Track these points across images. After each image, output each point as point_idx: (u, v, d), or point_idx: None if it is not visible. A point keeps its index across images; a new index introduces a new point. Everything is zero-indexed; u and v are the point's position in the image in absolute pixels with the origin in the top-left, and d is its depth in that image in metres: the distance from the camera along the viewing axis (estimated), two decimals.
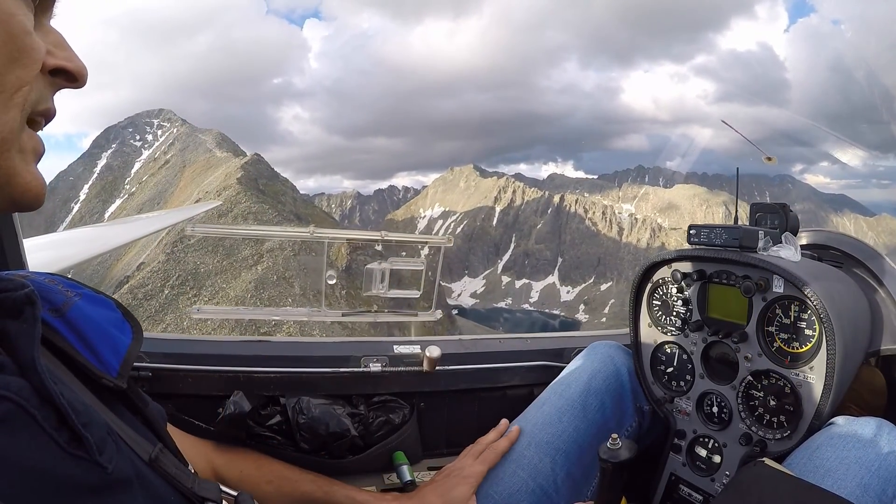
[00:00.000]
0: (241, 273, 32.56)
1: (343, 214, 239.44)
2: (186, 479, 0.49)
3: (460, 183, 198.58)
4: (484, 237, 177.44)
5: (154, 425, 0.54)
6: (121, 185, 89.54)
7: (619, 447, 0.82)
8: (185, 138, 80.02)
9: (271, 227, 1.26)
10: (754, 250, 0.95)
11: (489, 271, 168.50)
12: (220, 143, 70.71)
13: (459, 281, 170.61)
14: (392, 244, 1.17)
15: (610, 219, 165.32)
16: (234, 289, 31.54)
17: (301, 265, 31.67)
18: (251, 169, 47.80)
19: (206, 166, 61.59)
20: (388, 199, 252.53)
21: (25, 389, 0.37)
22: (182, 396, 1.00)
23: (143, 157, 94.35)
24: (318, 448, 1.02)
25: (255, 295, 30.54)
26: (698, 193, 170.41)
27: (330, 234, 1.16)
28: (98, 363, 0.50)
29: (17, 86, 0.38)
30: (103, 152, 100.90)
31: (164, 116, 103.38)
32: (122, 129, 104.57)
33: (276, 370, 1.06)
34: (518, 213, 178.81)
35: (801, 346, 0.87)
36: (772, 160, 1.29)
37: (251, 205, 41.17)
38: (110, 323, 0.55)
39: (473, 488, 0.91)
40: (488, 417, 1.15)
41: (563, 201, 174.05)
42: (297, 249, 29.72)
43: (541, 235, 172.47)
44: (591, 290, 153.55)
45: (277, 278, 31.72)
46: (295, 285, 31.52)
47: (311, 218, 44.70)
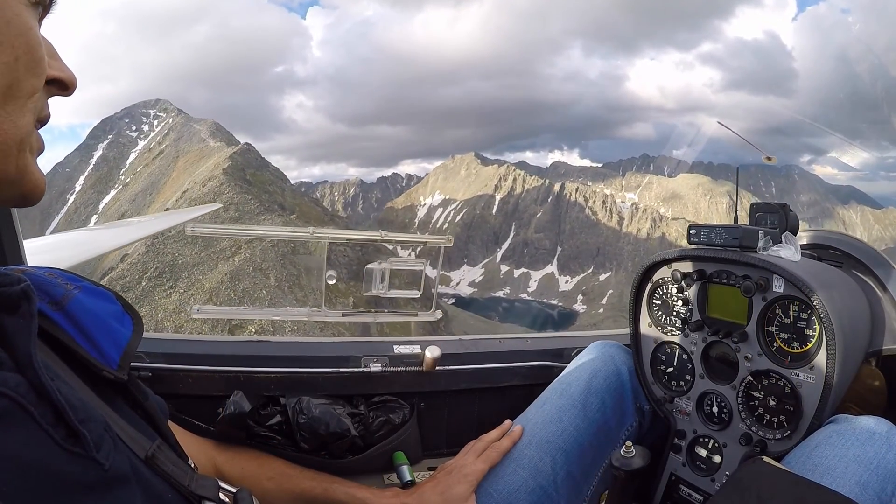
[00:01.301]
0: (217, 265, 32.23)
1: (346, 202, 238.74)
2: (184, 476, 0.49)
3: (461, 171, 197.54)
4: (483, 226, 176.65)
5: (154, 419, 0.54)
6: (116, 176, 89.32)
7: (633, 455, 0.82)
8: (180, 128, 79.85)
9: (271, 227, 1.26)
10: (754, 250, 0.95)
11: (488, 260, 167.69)
12: (213, 133, 70.40)
13: (458, 270, 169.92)
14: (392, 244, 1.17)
15: (610, 208, 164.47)
16: (210, 280, 31.09)
17: (280, 257, 31.40)
18: (239, 159, 47.42)
19: (199, 156, 61.36)
20: (391, 187, 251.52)
21: (22, 385, 0.37)
22: (182, 396, 1.00)
23: (138, 148, 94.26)
24: (318, 448, 1.02)
25: (230, 287, 30.17)
26: (702, 183, 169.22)
27: (330, 234, 1.16)
28: (98, 355, 0.50)
29: (31, 92, 0.42)
30: (99, 143, 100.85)
31: (160, 106, 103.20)
32: (119, 120, 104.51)
33: (276, 370, 1.06)
34: (518, 202, 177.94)
35: (802, 346, 0.87)
36: (771, 160, 1.29)
37: (234, 195, 40.79)
38: (110, 315, 0.55)
39: (473, 486, 0.91)
40: (488, 417, 1.14)
41: (563, 190, 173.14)
42: (276, 241, 29.51)
43: (540, 224, 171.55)
44: (589, 280, 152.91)
45: (254, 269, 31.42)
46: (271, 276, 31.21)
47: (296, 208, 44.37)
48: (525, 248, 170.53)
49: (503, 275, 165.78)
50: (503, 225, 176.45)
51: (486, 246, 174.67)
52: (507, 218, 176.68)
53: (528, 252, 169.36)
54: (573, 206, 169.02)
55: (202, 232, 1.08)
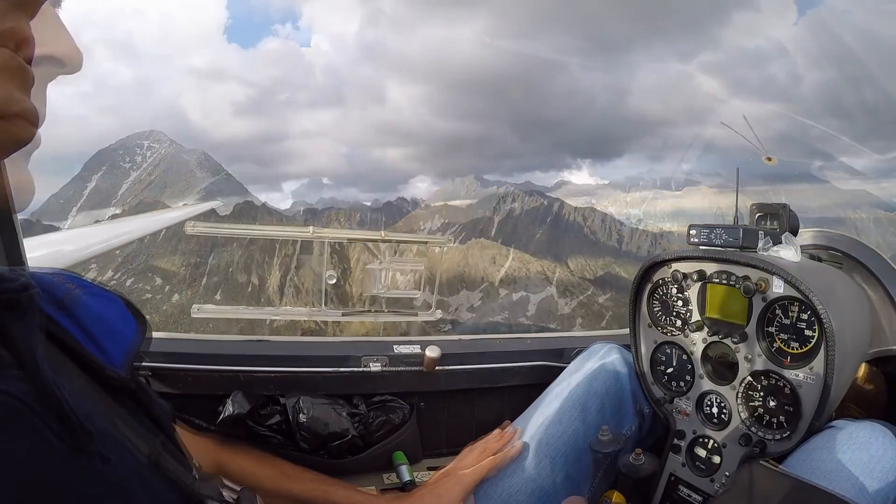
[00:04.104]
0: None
1: (351, 228, 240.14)
2: (187, 477, 0.49)
3: (461, 193, 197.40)
4: (482, 249, 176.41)
5: (159, 420, 0.53)
6: (107, 208, 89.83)
7: (643, 462, 0.83)
8: (171, 159, 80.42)
9: (271, 227, 1.26)
10: (754, 250, 0.95)
11: (486, 284, 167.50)
12: (201, 164, 70.85)
13: (457, 295, 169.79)
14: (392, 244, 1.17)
15: (610, 227, 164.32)
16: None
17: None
18: (215, 189, 47.51)
19: (185, 187, 61.81)
20: (396, 211, 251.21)
21: (25, 385, 0.36)
22: (182, 396, 1.00)
23: (130, 179, 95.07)
24: (317, 448, 1.02)
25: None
26: (709, 195, 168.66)
27: (330, 234, 1.16)
28: (103, 357, 0.50)
29: None
30: (94, 175, 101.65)
31: (153, 137, 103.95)
32: (114, 152, 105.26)
33: (276, 370, 1.06)
34: (517, 224, 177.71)
35: (801, 346, 0.87)
36: (772, 160, 1.29)
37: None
38: (115, 317, 0.55)
39: (467, 492, 0.91)
40: (488, 417, 1.14)
41: (562, 209, 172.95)
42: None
43: (539, 246, 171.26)
44: (589, 302, 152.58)
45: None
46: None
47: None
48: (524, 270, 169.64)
49: (502, 298, 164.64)
50: (502, 247, 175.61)
51: (484, 269, 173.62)
52: (507, 240, 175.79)
53: (527, 275, 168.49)
54: (572, 226, 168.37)
55: (202, 230, 1.08)
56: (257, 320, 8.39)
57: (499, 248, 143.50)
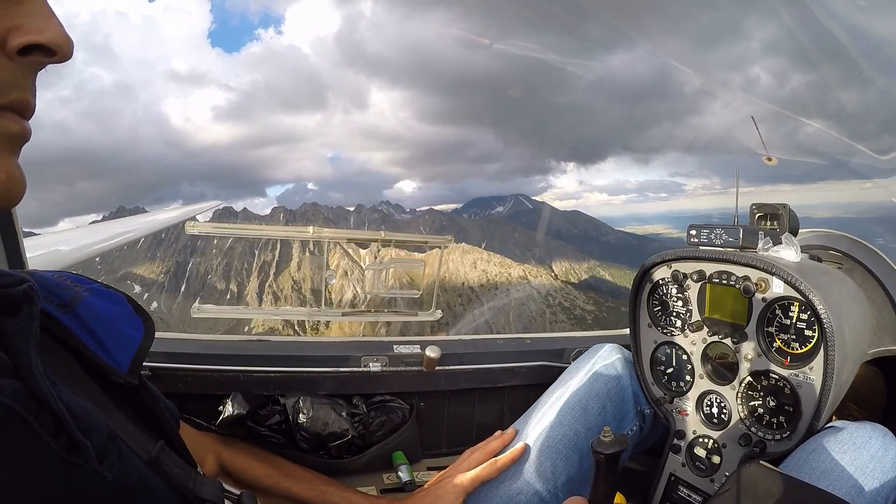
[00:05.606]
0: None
1: None
2: (188, 478, 0.48)
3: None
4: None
5: (162, 422, 0.53)
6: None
7: (611, 439, 0.82)
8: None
9: (271, 227, 1.26)
10: (754, 251, 0.95)
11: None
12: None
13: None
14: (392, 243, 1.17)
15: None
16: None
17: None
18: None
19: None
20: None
21: (21, 393, 0.35)
22: (182, 395, 1.00)
23: None
24: (317, 448, 1.02)
25: None
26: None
27: (331, 233, 1.16)
28: (109, 359, 0.49)
29: None
30: None
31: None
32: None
33: (276, 370, 1.06)
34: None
35: (801, 346, 0.87)
36: (772, 160, 1.29)
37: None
38: (121, 318, 0.54)
39: (467, 494, 0.91)
40: (488, 418, 1.14)
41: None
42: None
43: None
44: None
45: None
46: None
47: None
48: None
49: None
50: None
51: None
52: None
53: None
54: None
55: (202, 230, 1.08)
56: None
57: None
